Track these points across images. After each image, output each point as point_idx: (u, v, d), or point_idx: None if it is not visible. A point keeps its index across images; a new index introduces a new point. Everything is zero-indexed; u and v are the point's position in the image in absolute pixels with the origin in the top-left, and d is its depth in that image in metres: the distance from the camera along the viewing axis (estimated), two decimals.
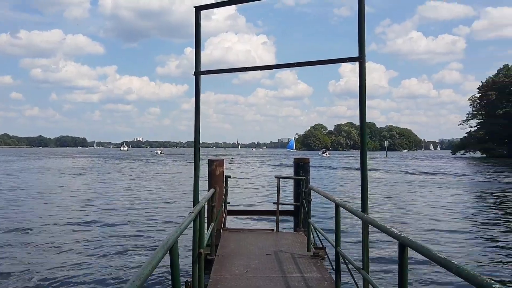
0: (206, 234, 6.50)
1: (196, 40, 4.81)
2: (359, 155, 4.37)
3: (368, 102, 4.29)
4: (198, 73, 4.76)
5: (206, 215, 8.06)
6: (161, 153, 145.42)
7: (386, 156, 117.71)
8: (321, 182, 32.00)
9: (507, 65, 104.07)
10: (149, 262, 2.37)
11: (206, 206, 6.09)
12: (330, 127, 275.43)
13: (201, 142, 4.91)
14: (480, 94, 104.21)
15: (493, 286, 1.92)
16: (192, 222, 4.70)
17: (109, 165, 60.01)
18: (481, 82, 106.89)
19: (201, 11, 4.91)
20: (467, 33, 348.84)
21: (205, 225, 6.64)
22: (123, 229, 13.28)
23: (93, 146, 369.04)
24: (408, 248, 2.96)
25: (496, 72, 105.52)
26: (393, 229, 3.24)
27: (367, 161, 4.36)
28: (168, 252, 2.94)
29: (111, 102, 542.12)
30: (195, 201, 5.00)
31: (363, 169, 4.24)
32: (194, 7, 4.81)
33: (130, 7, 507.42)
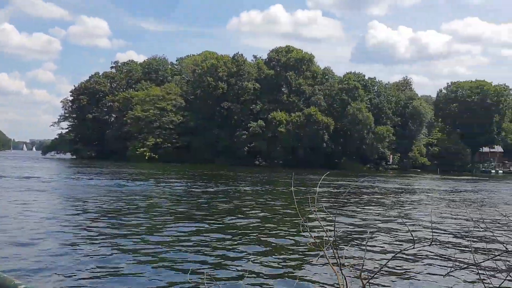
0: None
1: None
2: None
3: None
4: None
5: None
6: None
7: None
8: None
9: (98, 72, 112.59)
10: None
11: None
12: None
13: None
14: (72, 98, 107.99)
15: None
16: None
17: None
18: (74, 86, 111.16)
19: None
20: (63, 36, 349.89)
21: None
22: None
23: None
24: None
25: (88, 78, 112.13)
26: None
27: None
28: None
29: None
30: None
31: None
32: None
33: None
